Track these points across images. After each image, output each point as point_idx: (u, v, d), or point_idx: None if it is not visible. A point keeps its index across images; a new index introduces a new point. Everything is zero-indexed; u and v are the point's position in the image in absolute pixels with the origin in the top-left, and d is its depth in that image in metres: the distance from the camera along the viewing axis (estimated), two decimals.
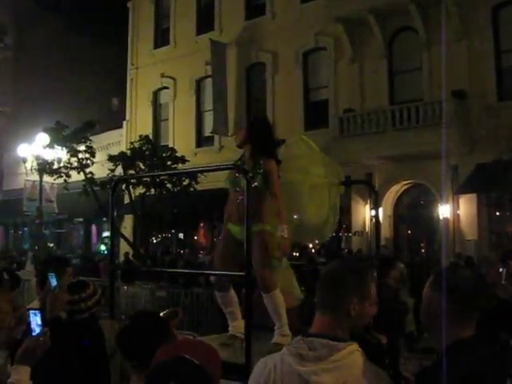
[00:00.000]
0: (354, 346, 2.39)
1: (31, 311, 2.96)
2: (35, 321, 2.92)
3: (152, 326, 2.98)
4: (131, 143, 22.70)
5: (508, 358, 4.37)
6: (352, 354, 2.36)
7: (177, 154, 21.57)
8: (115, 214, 5.73)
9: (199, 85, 27.08)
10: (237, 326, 4.87)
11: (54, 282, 3.63)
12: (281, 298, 4.51)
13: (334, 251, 20.74)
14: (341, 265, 2.60)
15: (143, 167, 21.05)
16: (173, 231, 27.37)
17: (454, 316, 2.40)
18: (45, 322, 3.21)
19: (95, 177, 21.90)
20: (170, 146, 24.30)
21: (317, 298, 2.51)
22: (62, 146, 22.07)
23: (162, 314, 3.39)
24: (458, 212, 19.16)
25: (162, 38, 28.89)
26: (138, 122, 28.91)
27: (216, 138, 25.57)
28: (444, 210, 19.00)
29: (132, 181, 20.46)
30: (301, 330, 2.71)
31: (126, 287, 15.48)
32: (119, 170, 20.81)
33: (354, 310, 2.41)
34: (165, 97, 28.60)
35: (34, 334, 2.91)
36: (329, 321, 2.44)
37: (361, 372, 2.34)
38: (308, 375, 2.34)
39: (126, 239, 22.60)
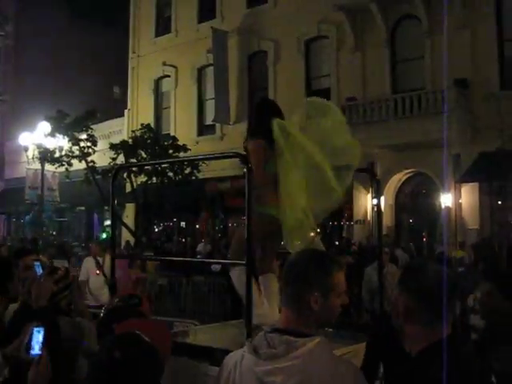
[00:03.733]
0: (317, 341, 2.22)
1: (35, 328, 2.86)
2: (37, 338, 2.83)
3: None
4: (133, 132, 22.70)
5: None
6: (312, 351, 2.19)
7: (178, 143, 21.55)
8: (116, 202, 5.70)
9: (201, 73, 27.01)
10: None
11: (39, 270, 3.63)
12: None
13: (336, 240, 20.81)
14: (303, 257, 2.42)
15: (145, 156, 21.04)
16: (174, 220, 27.38)
17: (425, 317, 2.30)
18: (31, 312, 3.19)
19: (97, 165, 21.93)
20: (172, 134, 24.27)
21: (281, 290, 2.41)
22: (64, 134, 22.08)
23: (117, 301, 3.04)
24: (460, 201, 19.13)
25: (163, 26, 28.79)
26: (140, 111, 28.87)
27: (218, 126, 25.54)
28: (446, 199, 18.98)
29: (134, 169, 20.47)
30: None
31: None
32: (121, 159, 20.80)
33: (316, 303, 2.27)
34: (166, 85, 28.54)
35: (32, 351, 2.77)
36: (292, 315, 2.30)
37: (320, 370, 2.16)
38: (263, 375, 2.20)
39: (127, 228, 22.64)
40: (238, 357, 2.35)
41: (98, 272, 9.79)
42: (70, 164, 22.33)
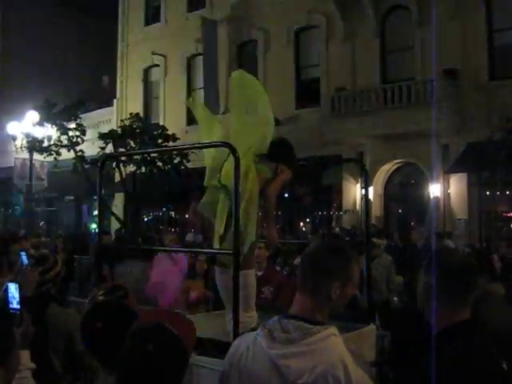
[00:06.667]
0: (331, 330, 2.30)
1: (9, 283, 2.93)
2: (12, 293, 2.90)
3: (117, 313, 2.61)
4: (122, 121, 22.60)
5: None
6: (326, 339, 2.27)
7: (168, 132, 21.48)
8: (105, 192, 5.67)
9: (190, 62, 26.90)
10: None
11: (25, 260, 3.62)
12: None
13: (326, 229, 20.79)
14: (323, 247, 2.47)
15: (134, 145, 20.96)
16: (164, 209, 27.33)
17: (449, 299, 2.39)
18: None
19: (86, 155, 21.82)
20: (161, 123, 24.19)
21: (297, 278, 2.43)
22: (52, 123, 21.95)
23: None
24: (449, 191, 19.21)
25: (152, 14, 28.63)
26: (129, 100, 28.73)
27: None
28: (435, 189, 19.04)
29: (123, 159, 20.39)
30: None
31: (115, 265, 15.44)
32: (110, 148, 20.71)
33: (335, 293, 2.32)
34: (156, 74, 28.40)
35: (11, 305, 2.90)
36: (308, 303, 2.34)
37: (333, 358, 2.23)
38: (277, 358, 2.25)
39: (116, 217, 22.57)
40: (251, 339, 2.40)
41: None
42: (58, 153, 22.21)
